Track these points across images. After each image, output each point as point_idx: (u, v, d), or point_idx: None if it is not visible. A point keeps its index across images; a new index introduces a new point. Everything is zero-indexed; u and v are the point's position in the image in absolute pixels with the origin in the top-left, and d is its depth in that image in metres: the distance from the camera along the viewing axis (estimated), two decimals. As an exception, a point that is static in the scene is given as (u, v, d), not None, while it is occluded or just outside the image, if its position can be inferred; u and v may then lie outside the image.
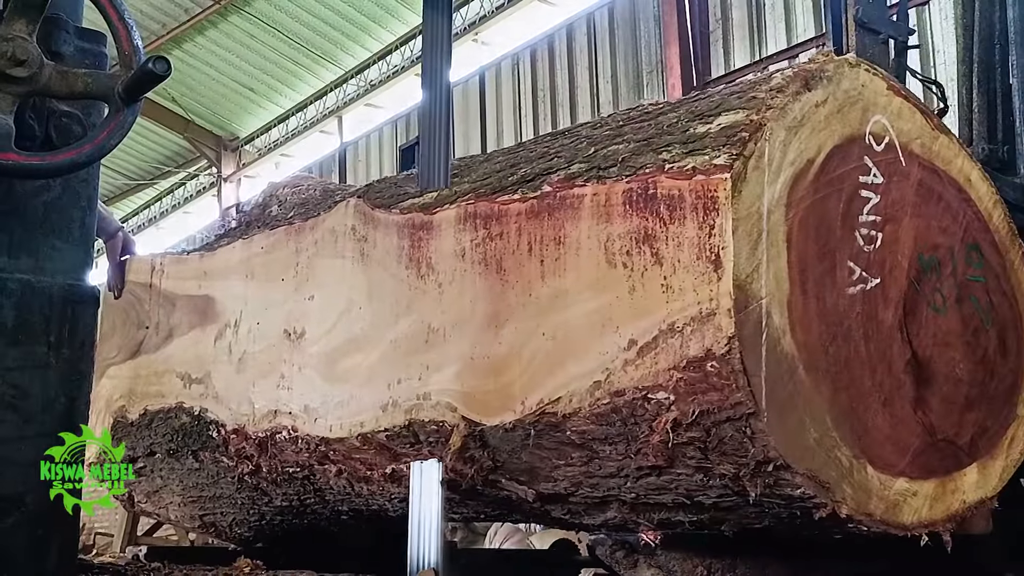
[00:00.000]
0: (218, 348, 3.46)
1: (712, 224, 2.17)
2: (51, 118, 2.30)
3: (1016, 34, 3.04)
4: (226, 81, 18.77)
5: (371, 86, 17.58)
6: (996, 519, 2.64)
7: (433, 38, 2.96)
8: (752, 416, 2.12)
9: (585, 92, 15.03)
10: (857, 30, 3.11)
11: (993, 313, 2.53)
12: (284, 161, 19.68)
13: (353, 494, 3.14)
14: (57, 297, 2.28)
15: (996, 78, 3.11)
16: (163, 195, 22.44)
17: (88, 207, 2.38)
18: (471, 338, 2.64)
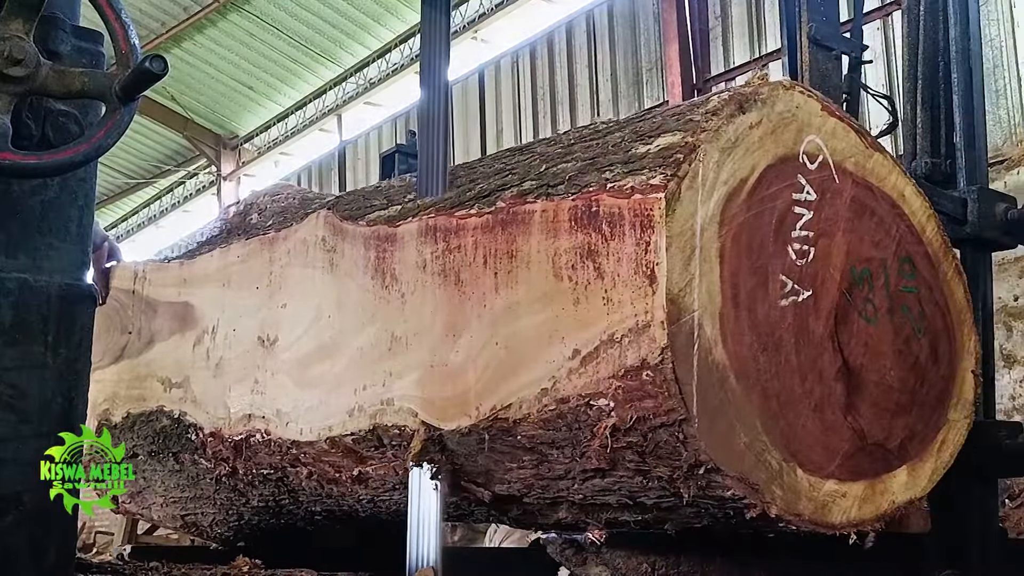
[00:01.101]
0: (196, 354, 3.65)
1: (648, 241, 2.33)
2: (48, 117, 2.32)
3: (957, 53, 3.20)
4: (225, 79, 18.97)
5: (370, 84, 17.76)
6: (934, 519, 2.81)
7: (431, 36, 3.05)
8: (684, 422, 2.29)
9: (585, 90, 15.17)
10: (810, 46, 3.27)
11: (925, 322, 2.69)
12: (283, 160, 19.88)
13: (324, 495, 3.32)
14: (54, 296, 2.29)
15: (940, 94, 3.27)
16: (162, 194, 22.65)
17: (85, 206, 2.41)
18: (431, 347, 2.81)
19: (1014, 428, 3.02)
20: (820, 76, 3.27)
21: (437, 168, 2.95)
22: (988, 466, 2.96)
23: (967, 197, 3.08)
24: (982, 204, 3.07)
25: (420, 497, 2.80)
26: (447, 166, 2.96)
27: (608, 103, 14.80)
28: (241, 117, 20.09)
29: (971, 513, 2.97)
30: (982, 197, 3.09)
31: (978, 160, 3.16)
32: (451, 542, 6.20)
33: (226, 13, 17.32)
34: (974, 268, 3.10)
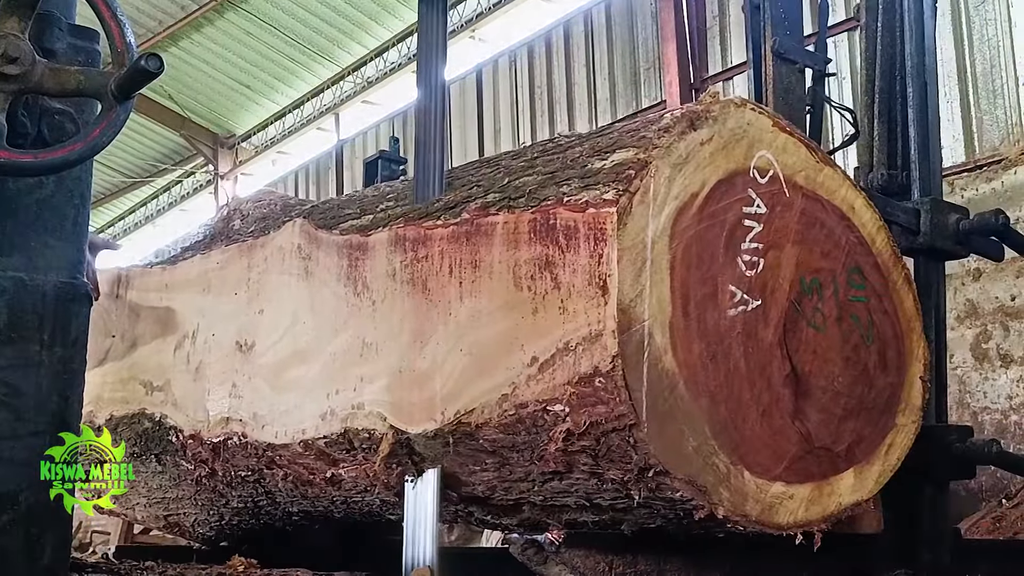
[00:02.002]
0: (177, 357, 3.79)
1: (601, 253, 2.47)
2: (44, 116, 2.33)
3: (912, 67, 3.33)
4: (222, 78, 19.08)
5: (368, 83, 17.85)
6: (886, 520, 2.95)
7: (429, 35, 3.13)
8: (634, 427, 2.42)
9: (583, 89, 15.24)
10: (774, 60, 3.40)
11: (875, 330, 2.83)
12: (281, 159, 19.99)
13: (300, 496, 3.46)
14: (50, 295, 2.30)
15: (896, 108, 3.40)
16: (159, 193, 22.79)
17: (81, 204, 2.43)
18: (399, 353, 2.95)
19: (964, 432, 3.15)
20: (783, 89, 3.39)
21: (434, 170, 3.02)
22: (938, 469, 3.09)
23: (920, 208, 3.21)
24: (935, 215, 3.20)
25: (416, 496, 2.90)
26: (444, 168, 3.04)
27: (606, 102, 14.87)
28: (238, 116, 20.20)
29: (922, 514, 3.10)
30: (935, 208, 3.22)
31: (932, 172, 3.29)
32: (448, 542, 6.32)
33: (223, 12, 17.44)
34: (927, 277, 3.23)
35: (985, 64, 9.88)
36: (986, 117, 9.92)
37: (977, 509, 8.34)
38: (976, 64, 9.84)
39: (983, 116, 9.85)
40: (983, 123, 9.89)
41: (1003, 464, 3.18)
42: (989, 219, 3.15)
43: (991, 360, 9.57)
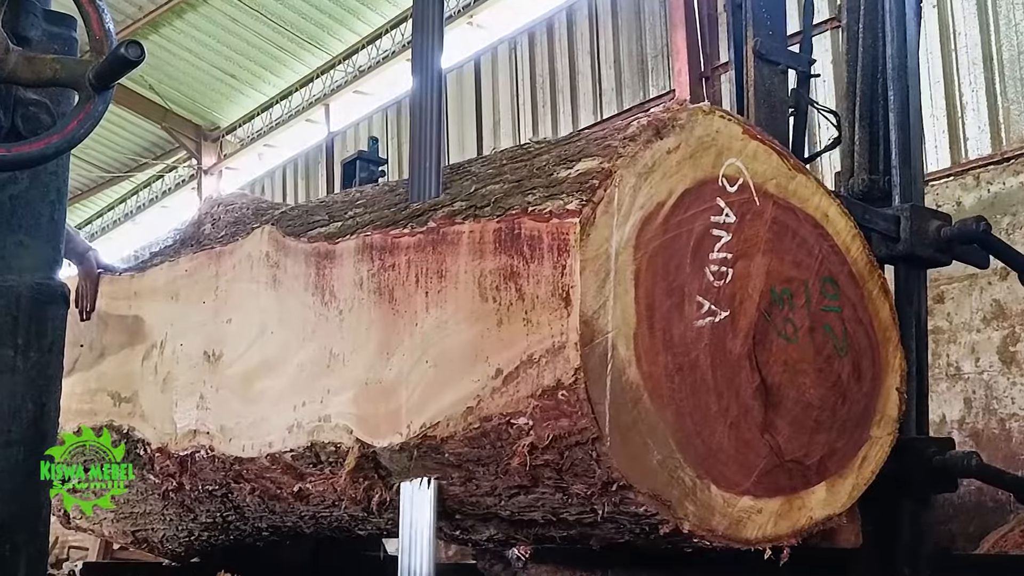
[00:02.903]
0: (145, 368, 3.94)
1: (564, 264, 2.60)
2: (17, 107, 2.32)
3: (893, 70, 3.46)
4: (206, 67, 19.20)
5: (360, 72, 17.97)
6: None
7: (424, 21, 3.15)
8: (597, 440, 2.56)
9: (587, 78, 15.30)
10: (756, 61, 3.53)
11: (848, 341, 2.96)
12: (268, 152, 20.11)
13: (268, 511, 3.61)
14: (25, 297, 2.28)
15: (879, 111, 3.53)
16: (140, 188, 22.93)
17: (57, 201, 2.41)
18: (366, 364, 3.09)
19: (944, 444, 3.28)
20: (765, 91, 3.52)
21: (430, 167, 3.05)
22: (918, 482, 3.22)
23: (900, 215, 3.34)
24: (915, 221, 3.33)
25: (412, 510, 2.98)
26: (440, 164, 3.07)
27: (611, 92, 14.95)
28: (223, 107, 20.34)
29: (902, 528, 3.23)
30: (915, 215, 3.34)
31: (914, 177, 3.42)
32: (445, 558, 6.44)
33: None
34: (908, 285, 3.36)
35: (1012, 51, 9.96)
36: (1013, 107, 10.01)
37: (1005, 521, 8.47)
38: (1003, 51, 9.91)
39: (1010, 106, 9.94)
40: (1010, 113, 9.97)
41: (982, 477, 3.31)
42: (970, 226, 3.28)
43: (1019, 364, 9.68)
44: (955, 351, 10.08)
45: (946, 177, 10.24)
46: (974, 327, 9.95)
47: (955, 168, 10.08)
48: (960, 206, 10.05)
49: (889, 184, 3.41)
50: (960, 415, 9.97)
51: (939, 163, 10.25)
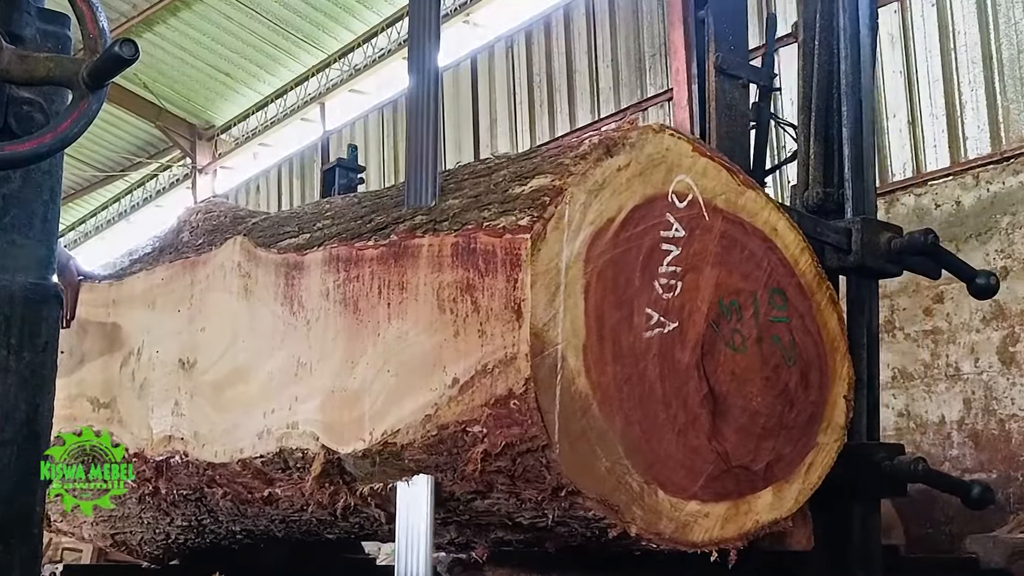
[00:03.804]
0: (123, 374, 4.11)
1: (516, 278, 2.76)
2: (11, 105, 2.32)
3: (847, 86, 3.61)
4: (201, 66, 19.39)
5: (356, 71, 18.15)
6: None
7: (420, 20, 3.20)
8: (546, 448, 2.72)
9: (584, 77, 15.42)
10: (717, 76, 3.69)
11: (797, 351, 3.12)
12: (263, 151, 20.31)
13: (240, 515, 3.78)
14: (18, 297, 2.30)
15: (834, 126, 3.69)
16: (134, 187, 23.16)
17: (51, 200, 2.43)
18: (332, 372, 3.26)
19: (893, 450, 3.44)
20: (726, 105, 3.69)
21: (426, 172, 3.11)
22: (867, 487, 3.39)
23: (852, 227, 3.50)
24: (865, 234, 3.49)
25: (408, 512, 3.03)
26: (437, 169, 3.13)
27: (609, 91, 15.08)
28: (217, 106, 20.54)
29: (853, 531, 3.39)
30: (866, 227, 3.50)
31: (866, 191, 3.58)
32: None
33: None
34: (859, 295, 3.52)
35: (1012, 49, 10.09)
36: (1013, 106, 10.14)
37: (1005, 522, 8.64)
38: (1003, 50, 10.04)
39: (1010, 105, 10.07)
40: (1010, 112, 10.10)
41: (929, 482, 3.46)
42: (918, 238, 3.43)
43: (1019, 364, 9.83)
44: (954, 351, 10.23)
45: (945, 177, 10.38)
46: (973, 327, 10.10)
47: (954, 167, 10.21)
48: (959, 205, 10.20)
49: (843, 197, 3.56)
50: (959, 416, 10.13)
51: (938, 162, 10.39)
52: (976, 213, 10.17)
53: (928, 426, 10.46)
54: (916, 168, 10.73)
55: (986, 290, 3.54)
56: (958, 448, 10.26)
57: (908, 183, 10.76)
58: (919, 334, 10.58)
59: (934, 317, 10.38)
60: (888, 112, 11.14)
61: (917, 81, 10.93)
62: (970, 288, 3.57)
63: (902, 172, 10.87)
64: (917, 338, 10.61)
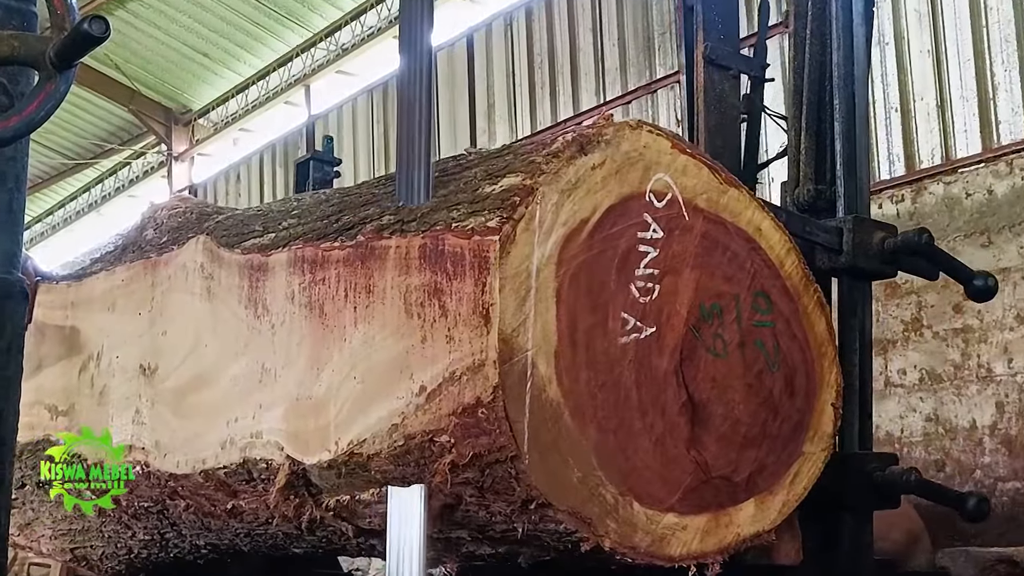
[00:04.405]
0: (82, 381, 4.23)
1: (484, 282, 2.87)
2: None
3: (839, 78, 3.72)
4: (177, 45, 19.44)
5: (343, 51, 18.21)
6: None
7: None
8: (515, 458, 2.83)
9: (588, 56, 15.43)
10: (706, 66, 3.79)
11: (781, 356, 3.23)
12: (243, 137, 20.38)
13: (203, 528, 3.89)
14: None
15: (826, 119, 3.79)
16: (105, 176, 23.24)
17: (16, 189, 2.41)
18: (297, 379, 3.37)
19: (886, 459, 3.55)
20: (716, 97, 3.79)
21: (419, 167, 3.10)
22: (859, 498, 3.50)
23: (843, 227, 3.60)
24: (857, 233, 3.59)
25: (400, 521, 3.05)
26: (430, 163, 3.13)
27: (615, 72, 15.10)
28: (195, 88, 20.61)
29: (843, 545, 3.51)
30: (858, 227, 3.60)
31: (859, 188, 3.68)
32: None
33: (177, -32, 17.89)
34: (851, 298, 3.63)
35: (1040, 38, 10.18)
36: (1039, 96, 10.22)
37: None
38: (1038, 26, 10.09)
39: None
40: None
41: (922, 493, 3.56)
42: (912, 238, 3.54)
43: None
44: (986, 351, 10.29)
45: (976, 164, 10.42)
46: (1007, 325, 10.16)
47: (986, 154, 10.24)
48: (992, 195, 10.25)
49: (835, 194, 3.67)
50: (992, 420, 10.20)
51: (969, 149, 10.43)
52: (1010, 202, 10.23)
53: (958, 431, 10.54)
54: (945, 155, 10.78)
55: (984, 292, 3.64)
56: (990, 455, 10.34)
57: (937, 171, 10.81)
58: (948, 333, 10.64)
59: (964, 314, 10.44)
60: (915, 95, 11.20)
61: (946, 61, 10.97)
62: (967, 291, 3.67)
63: (930, 159, 10.92)
64: (946, 337, 10.68)
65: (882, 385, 11.14)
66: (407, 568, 2.99)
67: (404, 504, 3.05)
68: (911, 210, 10.87)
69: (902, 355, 10.99)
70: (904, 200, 11.08)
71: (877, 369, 11.12)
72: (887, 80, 11.38)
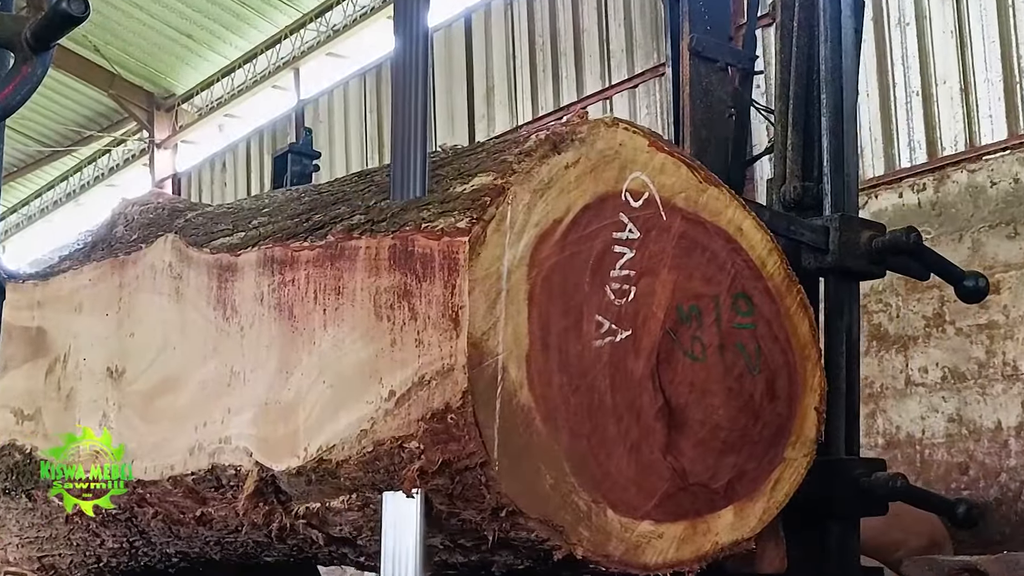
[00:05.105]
0: (48, 384, 4.35)
1: (454, 284, 2.98)
2: None
3: (827, 72, 3.81)
4: (159, 26, 19.57)
5: (334, 32, 18.34)
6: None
7: None
8: (485, 465, 2.94)
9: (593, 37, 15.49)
10: (692, 59, 3.90)
11: (762, 359, 3.34)
12: (229, 123, 20.53)
13: (173, 537, 4.01)
14: None
15: (814, 114, 3.89)
16: (84, 165, 23.39)
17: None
18: (266, 383, 3.48)
19: (872, 465, 3.66)
20: (702, 91, 3.89)
21: (414, 159, 3.12)
22: (845, 504, 3.61)
23: (829, 225, 3.71)
24: (844, 232, 3.69)
25: (395, 528, 3.12)
26: (426, 155, 3.15)
27: (621, 54, 15.17)
28: (178, 72, 20.75)
29: (829, 552, 3.62)
30: (844, 225, 3.71)
31: (847, 186, 3.78)
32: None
33: (159, -55, 17.99)
34: (838, 299, 3.73)
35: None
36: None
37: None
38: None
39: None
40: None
41: (908, 499, 3.67)
42: (900, 237, 3.64)
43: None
44: (1012, 348, 10.38)
45: (1002, 150, 10.50)
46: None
47: (1012, 140, 10.32)
48: (1018, 183, 10.34)
49: (821, 192, 3.77)
50: (1018, 421, 10.29)
51: (994, 135, 10.51)
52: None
53: (982, 432, 10.61)
54: (969, 141, 10.86)
55: (975, 294, 3.74)
56: (1016, 458, 10.43)
57: (960, 158, 10.89)
58: (972, 329, 10.72)
59: (989, 310, 10.52)
60: (937, 78, 11.28)
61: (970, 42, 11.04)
62: (958, 291, 3.78)
63: (953, 146, 11.00)
64: (970, 333, 10.76)
65: (903, 384, 11.25)
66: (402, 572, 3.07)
67: (400, 510, 3.10)
68: (933, 199, 10.97)
69: (923, 352, 11.09)
70: (926, 189, 11.17)
71: (897, 367, 11.25)
72: (908, 63, 11.47)
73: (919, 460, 11.20)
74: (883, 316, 11.37)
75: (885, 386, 11.32)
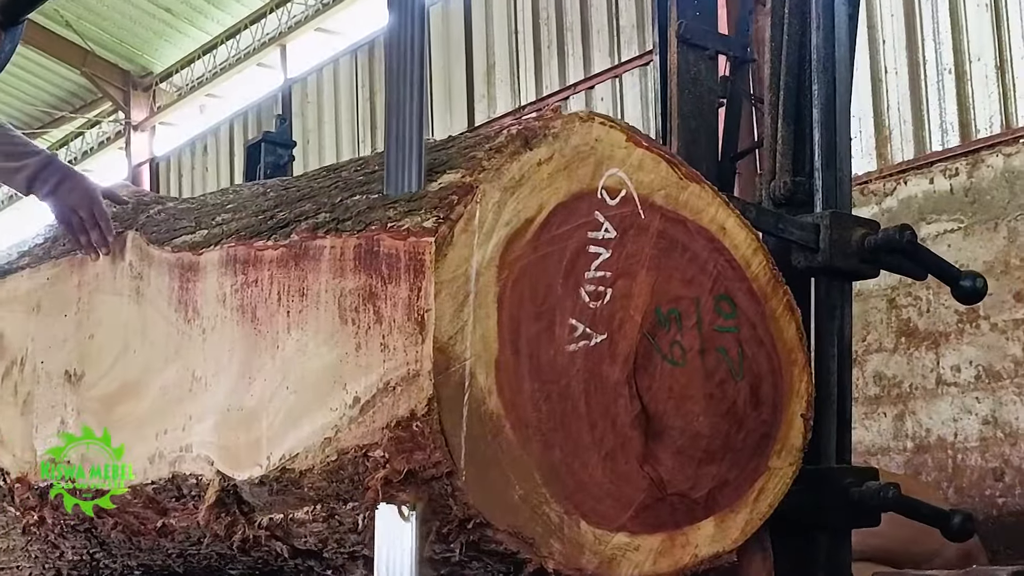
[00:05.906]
0: (4, 387, 4.47)
1: (420, 286, 3.08)
2: None
3: (819, 62, 3.91)
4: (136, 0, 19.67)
5: (323, 5, 18.42)
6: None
7: None
8: (451, 475, 3.05)
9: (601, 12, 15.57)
10: (679, 46, 3.99)
11: (746, 364, 3.44)
12: (211, 103, 20.62)
13: (134, 548, 4.14)
14: None
15: (806, 107, 3.99)
16: (55, 148, 23.45)
17: None
18: (228, 389, 3.60)
19: (864, 474, 3.76)
20: (690, 80, 3.99)
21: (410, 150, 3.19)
22: (834, 515, 3.72)
23: (819, 223, 3.80)
24: (835, 230, 3.77)
25: (389, 547, 3.17)
26: (423, 145, 3.22)
27: (631, 30, 15.25)
28: (156, 49, 20.81)
29: (818, 565, 3.73)
30: (835, 223, 3.79)
31: (839, 181, 3.87)
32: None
33: (135, -88, 18.08)
34: (829, 299, 3.83)
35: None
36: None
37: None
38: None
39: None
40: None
41: (900, 509, 3.76)
42: (893, 236, 3.73)
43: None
44: (1052, 345, 10.49)
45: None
46: (1067, 323, 10.36)
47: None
48: (1046, 173, 10.45)
49: (813, 188, 3.87)
50: (1043, 428, 10.40)
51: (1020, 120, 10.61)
52: (1070, 182, 10.40)
53: (1019, 436, 10.69)
54: (1005, 122, 10.92)
55: (972, 294, 3.84)
56: (1040, 465, 10.53)
57: (995, 140, 10.95)
58: (1008, 324, 10.79)
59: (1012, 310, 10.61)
60: (971, 55, 11.35)
61: (1007, 16, 11.10)
62: (954, 292, 3.88)
63: (988, 128, 11.06)
64: (1006, 329, 10.84)
65: (933, 384, 11.34)
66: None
67: (393, 524, 3.15)
68: (966, 185, 11.05)
69: (956, 350, 11.16)
70: (959, 174, 11.25)
71: (928, 366, 11.33)
72: (940, 39, 11.54)
73: (951, 465, 11.29)
74: (912, 311, 11.45)
75: (914, 386, 11.41)
